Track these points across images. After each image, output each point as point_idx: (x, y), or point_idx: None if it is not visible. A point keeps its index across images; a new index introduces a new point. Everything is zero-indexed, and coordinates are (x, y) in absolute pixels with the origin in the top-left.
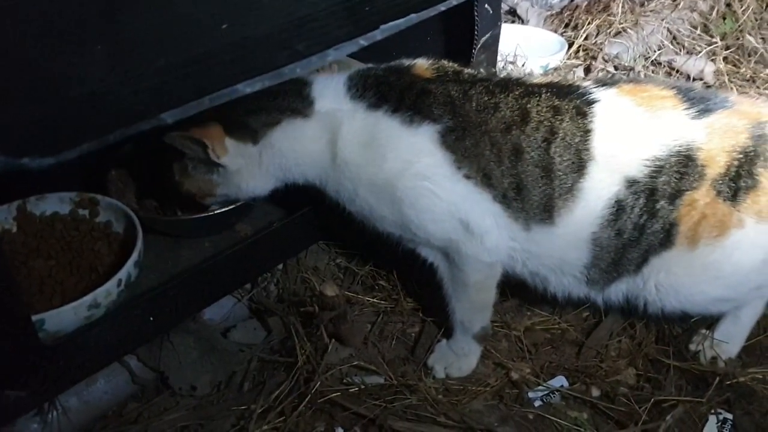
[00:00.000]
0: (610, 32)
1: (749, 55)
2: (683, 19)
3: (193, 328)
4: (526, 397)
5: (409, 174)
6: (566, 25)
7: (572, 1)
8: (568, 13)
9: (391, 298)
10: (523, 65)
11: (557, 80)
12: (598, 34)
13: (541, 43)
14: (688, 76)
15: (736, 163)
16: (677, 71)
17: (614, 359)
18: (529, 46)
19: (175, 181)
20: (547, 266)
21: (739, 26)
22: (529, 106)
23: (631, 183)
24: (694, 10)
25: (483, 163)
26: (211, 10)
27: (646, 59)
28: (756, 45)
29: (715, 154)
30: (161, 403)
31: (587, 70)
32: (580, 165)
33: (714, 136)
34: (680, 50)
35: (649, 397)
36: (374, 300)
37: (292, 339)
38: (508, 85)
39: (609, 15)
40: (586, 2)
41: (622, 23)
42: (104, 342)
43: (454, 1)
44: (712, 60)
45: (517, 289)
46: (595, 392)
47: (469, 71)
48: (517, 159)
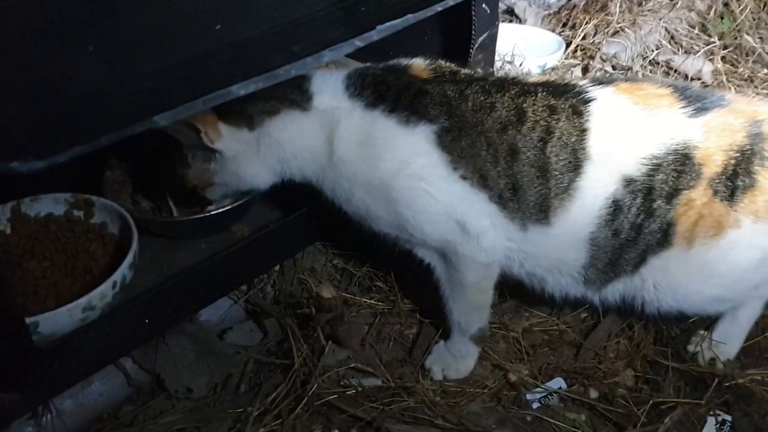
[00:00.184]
0: (607, 32)
1: (747, 55)
2: (681, 19)
3: (189, 330)
4: (524, 399)
5: (405, 174)
6: (564, 25)
7: (570, 0)
8: (566, 12)
9: (388, 300)
10: (520, 65)
11: (553, 79)
12: (595, 33)
13: (539, 43)
14: (686, 75)
15: (733, 161)
16: (675, 71)
17: (612, 360)
18: (526, 46)
19: (177, 175)
20: (544, 266)
21: (737, 26)
22: (525, 105)
23: (628, 182)
24: (692, 10)
25: (479, 164)
26: (205, 11)
27: (643, 59)
28: (754, 45)
29: (712, 152)
30: (157, 405)
31: (585, 69)
32: (576, 164)
33: (711, 135)
34: (678, 50)
35: (648, 399)
36: (371, 301)
37: (288, 341)
38: (504, 84)
39: (607, 14)
40: (583, 2)
41: (619, 23)
42: (99, 344)
43: (451, 2)
44: (710, 60)
45: (515, 290)
46: (594, 394)
47: (466, 71)
48: (513, 159)
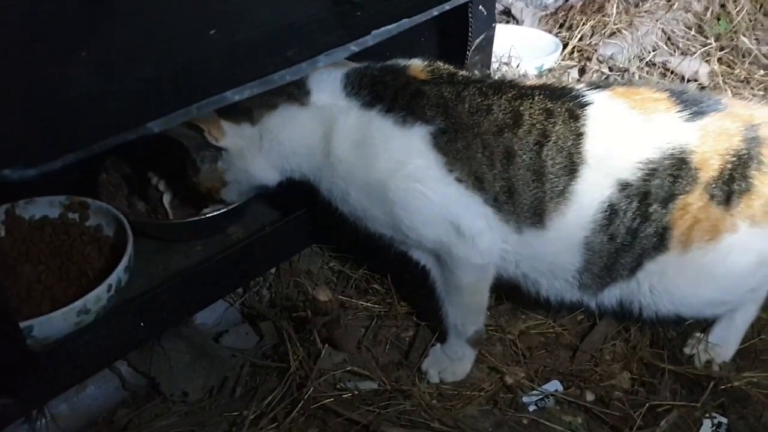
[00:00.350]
0: (604, 33)
1: (743, 56)
2: (678, 20)
3: (184, 333)
4: (520, 402)
5: (401, 175)
6: (561, 26)
7: (567, 1)
8: (563, 13)
9: (385, 302)
10: (517, 66)
11: (550, 83)
12: (592, 34)
13: (536, 44)
14: (683, 77)
15: (729, 166)
16: (672, 72)
17: (609, 363)
18: (523, 47)
19: (190, 182)
20: (539, 270)
21: (734, 27)
22: (521, 108)
23: (624, 186)
24: (689, 11)
25: (475, 166)
26: (200, 17)
27: (640, 60)
28: (750, 46)
29: (708, 157)
30: (152, 409)
31: (582, 71)
32: (572, 168)
33: (707, 139)
34: (675, 51)
35: (644, 402)
36: (368, 304)
37: (284, 344)
38: (502, 87)
39: (603, 16)
40: (580, 3)
41: (616, 24)
42: (94, 348)
43: (447, 6)
44: (706, 61)
45: (512, 292)
46: (590, 397)
47: (464, 73)
48: (508, 162)
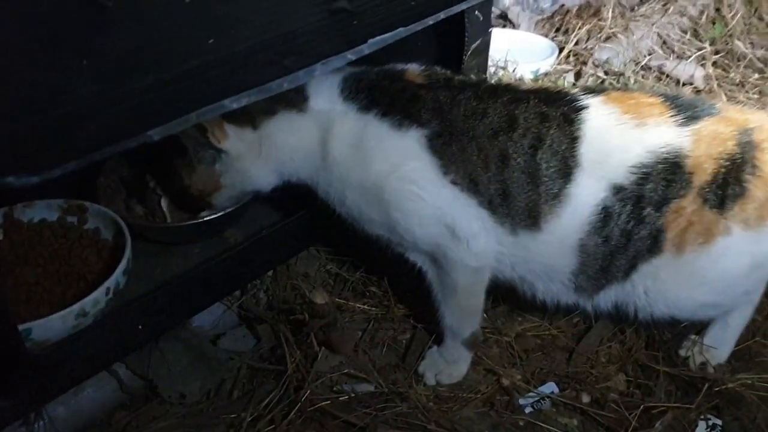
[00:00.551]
0: (600, 37)
1: (738, 60)
2: (673, 24)
3: (182, 336)
4: (516, 404)
5: (396, 177)
6: (557, 30)
7: (563, 5)
8: (559, 17)
9: (382, 305)
10: (513, 70)
11: (545, 87)
12: (588, 38)
13: (532, 48)
14: (678, 80)
15: (723, 170)
16: (667, 76)
17: (604, 365)
18: (519, 51)
19: (185, 185)
20: (534, 272)
21: (729, 31)
22: (516, 112)
23: (617, 190)
24: (684, 15)
25: (470, 169)
26: (198, 26)
27: (636, 64)
28: (745, 50)
29: (702, 161)
30: (150, 411)
31: (578, 75)
32: (566, 172)
33: (701, 143)
34: (670, 55)
35: (639, 403)
36: (365, 307)
37: (281, 347)
38: (497, 91)
39: (599, 20)
40: (576, 7)
41: (612, 28)
42: (92, 351)
43: (442, 15)
44: (701, 65)
45: (508, 295)
46: (586, 398)
47: (461, 77)
48: (503, 165)
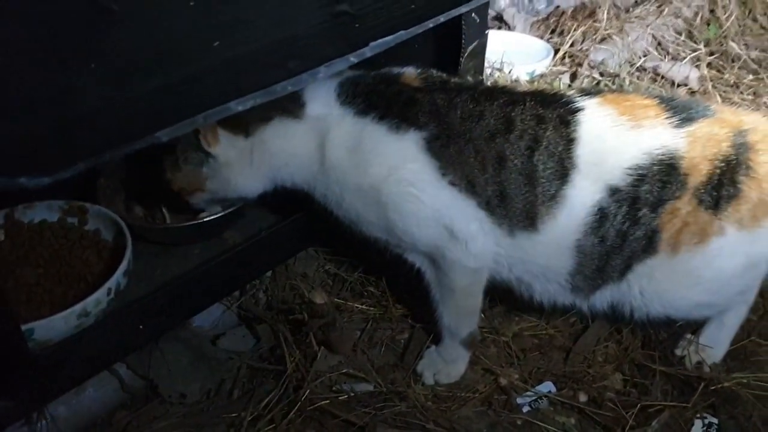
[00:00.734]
0: (595, 38)
1: (733, 61)
2: (668, 26)
3: (182, 336)
4: (514, 403)
5: (394, 179)
6: (552, 31)
7: (558, 7)
8: (554, 19)
9: (380, 305)
10: (510, 72)
11: (541, 89)
12: (583, 40)
13: (528, 50)
14: (673, 82)
15: (718, 171)
16: (662, 77)
17: (601, 364)
18: (515, 53)
19: (166, 179)
20: (531, 273)
21: (723, 32)
22: (513, 114)
23: (613, 191)
24: (679, 17)
25: (467, 171)
26: (203, 29)
27: (631, 65)
28: (739, 51)
29: (697, 162)
30: (151, 411)
31: (573, 76)
32: (563, 173)
33: (696, 145)
34: (665, 56)
35: (636, 402)
36: (363, 307)
37: (281, 346)
38: (493, 93)
39: (595, 21)
40: (572, 8)
41: (607, 29)
42: (94, 350)
43: (442, 18)
44: (696, 66)
45: (506, 295)
46: (583, 397)
47: (456, 80)
48: (500, 167)
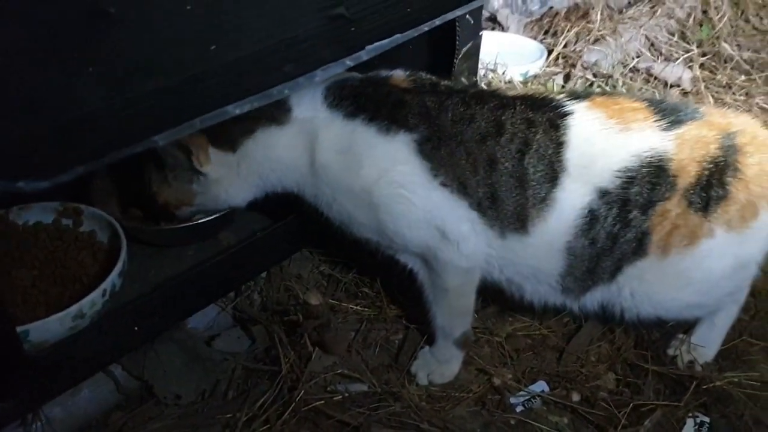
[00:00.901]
0: (589, 39)
1: (725, 62)
2: (661, 27)
3: (177, 337)
4: (507, 403)
5: (385, 181)
6: (546, 32)
7: (551, 8)
8: (548, 20)
9: (374, 306)
10: (503, 73)
11: (531, 93)
12: (577, 41)
13: (522, 51)
14: (666, 83)
15: (706, 173)
16: (655, 78)
17: (594, 364)
18: (509, 54)
19: (151, 192)
20: (522, 274)
21: (716, 33)
22: (503, 118)
23: (603, 194)
24: (672, 18)
25: (458, 173)
26: (200, 33)
27: (624, 66)
28: (731, 52)
29: (686, 164)
30: (146, 412)
31: (566, 77)
32: (553, 176)
33: (685, 147)
34: (658, 57)
35: (629, 402)
36: (358, 307)
37: (275, 347)
38: (484, 97)
39: (588, 22)
40: (565, 9)
41: (600, 30)
42: (89, 352)
43: (438, 22)
44: (689, 67)
45: (499, 295)
46: (576, 397)
47: (446, 83)
48: (491, 169)
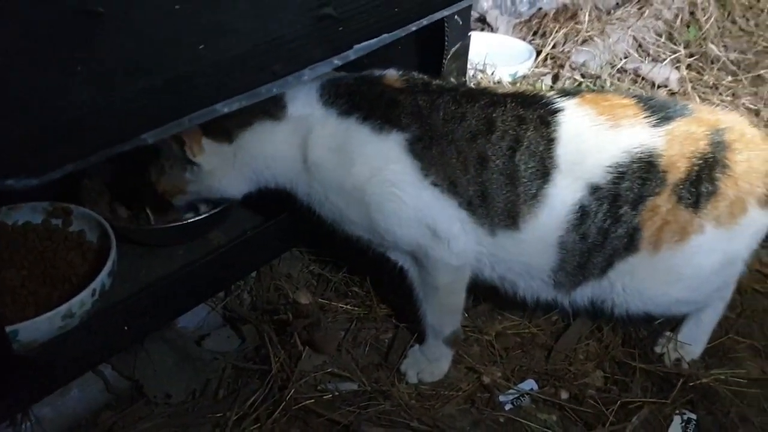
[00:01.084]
0: (577, 40)
1: (712, 63)
2: (648, 28)
3: (167, 337)
4: (497, 401)
5: (377, 180)
6: (534, 33)
7: (540, 9)
8: (537, 21)
9: (364, 305)
10: (492, 73)
11: (522, 90)
12: (565, 42)
13: (510, 51)
14: (653, 83)
15: (696, 168)
16: (643, 79)
17: (582, 362)
18: (498, 54)
19: (151, 182)
20: (514, 270)
21: (703, 34)
22: (494, 115)
23: (594, 189)
24: (659, 19)
25: (449, 171)
26: (188, 32)
27: (612, 67)
28: (718, 53)
29: (675, 160)
30: (136, 411)
31: (555, 77)
32: (544, 172)
33: (674, 143)
34: (645, 58)
35: (616, 399)
36: (348, 307)
37: (266, 346)
38: (474, 95)
39: (576, 23)
40: (553, 10)
41: (588, 31)
42: (78, 352)
43: (425, 22)
44: (676, 67)
45: (488, 294)
46: (564, 395)
47: (438, 82)
48: (482, 167)
